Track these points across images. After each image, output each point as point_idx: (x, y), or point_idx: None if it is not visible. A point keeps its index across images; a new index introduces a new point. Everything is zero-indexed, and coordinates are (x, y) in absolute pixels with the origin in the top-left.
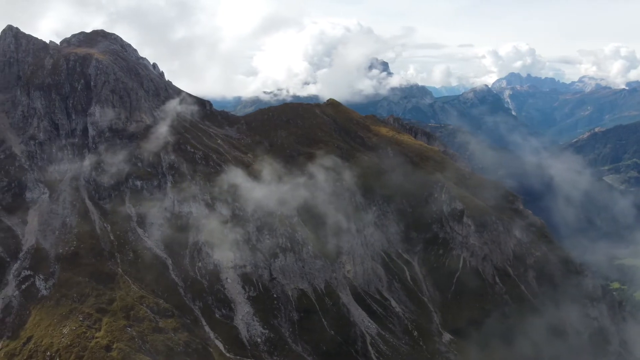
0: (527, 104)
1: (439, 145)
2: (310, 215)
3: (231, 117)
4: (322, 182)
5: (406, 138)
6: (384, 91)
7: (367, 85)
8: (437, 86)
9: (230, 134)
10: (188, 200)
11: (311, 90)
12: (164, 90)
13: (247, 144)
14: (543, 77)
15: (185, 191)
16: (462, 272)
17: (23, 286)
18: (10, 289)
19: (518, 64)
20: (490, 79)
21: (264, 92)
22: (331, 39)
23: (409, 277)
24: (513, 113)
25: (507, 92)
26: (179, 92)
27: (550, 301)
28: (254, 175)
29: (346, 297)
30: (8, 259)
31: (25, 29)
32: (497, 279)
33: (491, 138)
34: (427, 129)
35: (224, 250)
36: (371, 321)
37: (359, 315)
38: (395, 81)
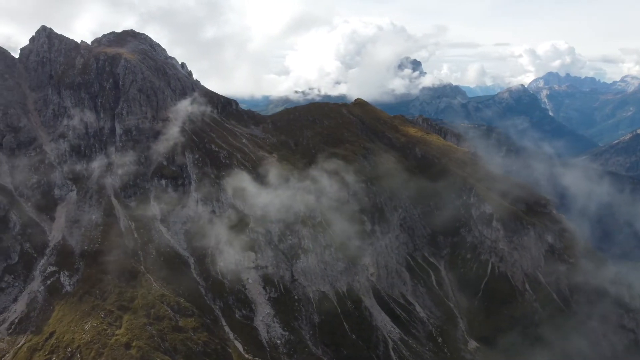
0: (565, 105)
1: (469, 146)
2: (333, 216)
3: (257, 117)
4: (347, 182)
5: (435, 139)
6: (416, 91)
7: (398, 85)
8: (472, 86)
9: (255, 134)
10: (211, 199)
11: (342, 89)
12: (190, 89)
13: (272, 144)
14: (583, 77)
15: (208, 190)
16: (490, 278)
17: (48, 282)
18: (36, 284)
19: (556, 63)
20: (527, 79)
21: (295, 92)
22: (363, 38)
23: (434, 282)
24: (550, 114)
25: (544, 92)
26: (205, 91)
27: (583, 310)
28: (277, 175)
29: (369, 301)
30: (35, 255)
31: (62, 30)
32: (527, 286)
33: (526, 139)
34: (459, 130)
35: (246, 250)
36: (394, 326)
37: (381, 319)
38: (428, 80)
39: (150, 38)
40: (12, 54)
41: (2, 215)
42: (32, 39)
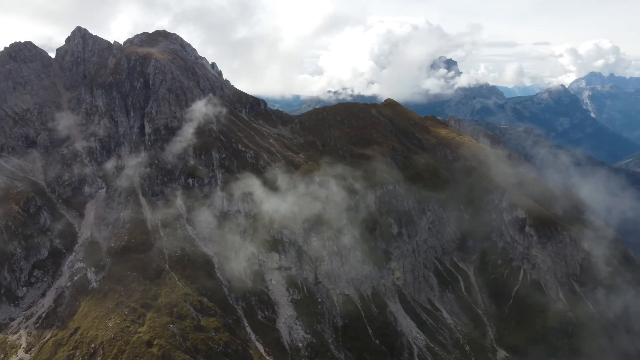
0: (608, 106)
1: (502, 148)
2: (359, 218)
3: (285, 117)
4: (373, 184)
5: (467, 140)
6: (451, 91)
7: (433, 85)
8: (509, 86)
9: (283, 134)
10: (237, 198)
11: (375, 89)
12: (219, 89)
13: (299, 144)
14: (627, 77)
15: (234, 190)
16: (521, 286)
17: (75, 278)
18: (64, 280)
19: (599, 62)
20: (567, 79)
21: (328, 92)
22: (398, 37)
23: (463, 288)
24: (592, 115)
25: (586, 93)
26: (235, 91)
27: (621, 322)
28: (303, 176)
29: (394, 305)
30: (64, 251)
31: (99, 30)
32: (560, 295)
33: (567, 141)
34: (494, 131)
35: (270, 251)
36: (420, 332)
37: (406, 325)
38: (463, 80)
39: (181, 38)
40: (51, 54)
41: (33, 211)
42: (67, 40)
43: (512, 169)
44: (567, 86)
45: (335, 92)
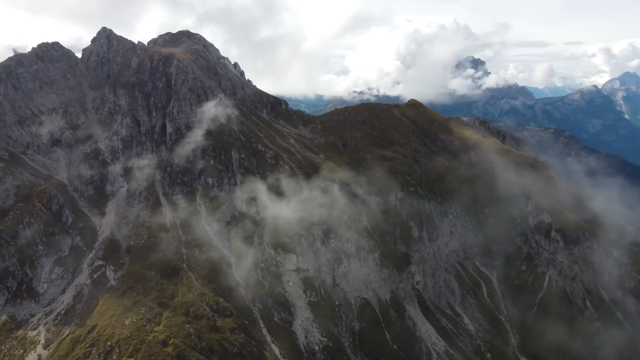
0: None
1: (529, 151)
2: (378, 220)
3: (306, 117)
4: (394, 186)
5: (492, 142)
6: (478, 91)
7: (460, 85)
8: (540, 87)
9: (304, 134)
10: (256, 199)
11: (400, 90)
12: (241, 89)
13: (320, 145)
14: None
15: (253, 190)
16: (546, 292)
17: (95, 275)
18: (84, 277)
19: (634, 62)
20: (600, 80)
21: (354, 91)
22: (425, 37)
23: (485, 293)
24: (626, 117)
25: (620, 94)
26: (256, 91)
27: None
28: (323, 177)
29: (413, 310)
30: (84, 249)
31: (125, 31)
32: (587, 303)
33: (599, 143)
34: (521, 133)
35: (287, 252)
36: (439, 338)
37: (426, 330)
38: (492, 81)
39: (204, 38)
40: (79, 54)
41: (56, 209)
42: (93, 40)
43: (538, 172)
44: (600, 87)
45: (360, 93)
